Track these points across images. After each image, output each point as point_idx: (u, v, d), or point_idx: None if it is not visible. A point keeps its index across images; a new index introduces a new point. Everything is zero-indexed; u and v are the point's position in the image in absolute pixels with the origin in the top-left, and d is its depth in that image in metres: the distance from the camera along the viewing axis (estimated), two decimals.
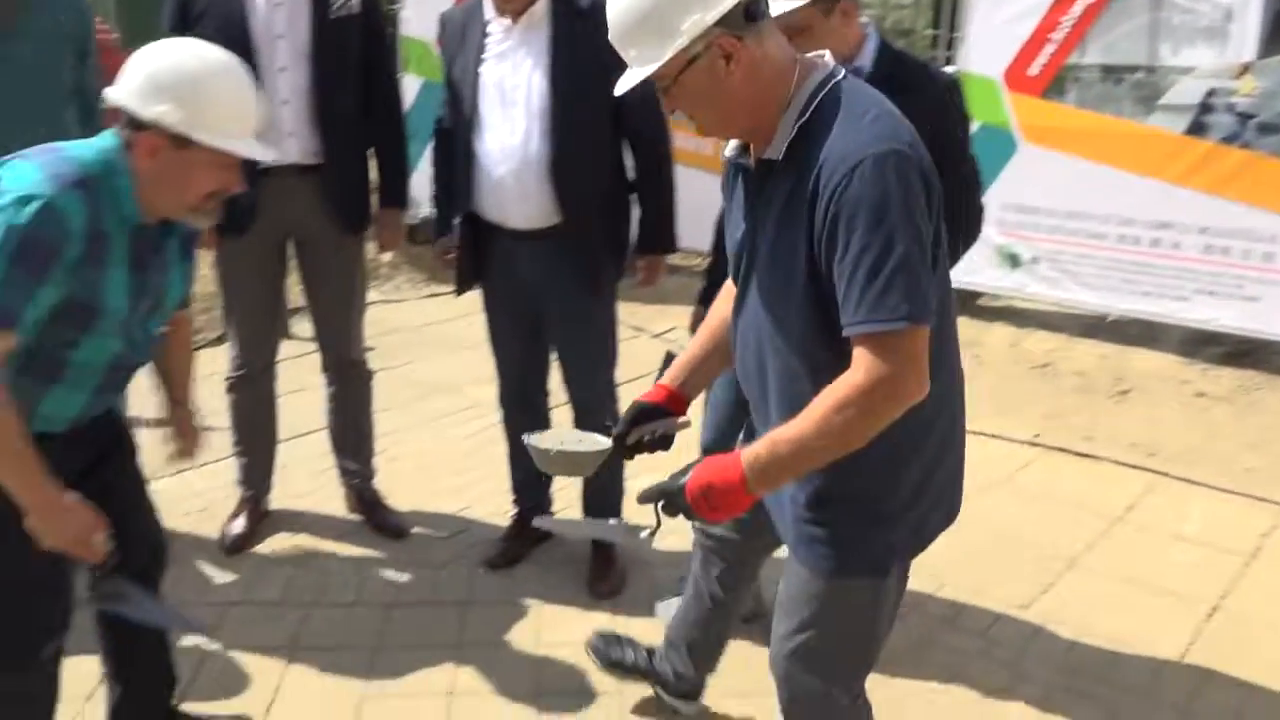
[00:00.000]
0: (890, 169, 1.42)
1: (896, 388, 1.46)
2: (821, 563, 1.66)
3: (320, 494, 3.57)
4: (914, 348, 1.46)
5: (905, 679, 2.72)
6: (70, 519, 1.80)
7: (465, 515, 3.52)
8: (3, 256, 1.66)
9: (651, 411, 1.88)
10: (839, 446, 1.50)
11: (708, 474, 1.58)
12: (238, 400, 3.31)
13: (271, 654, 2.75)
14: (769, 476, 1.55)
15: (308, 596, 3.03)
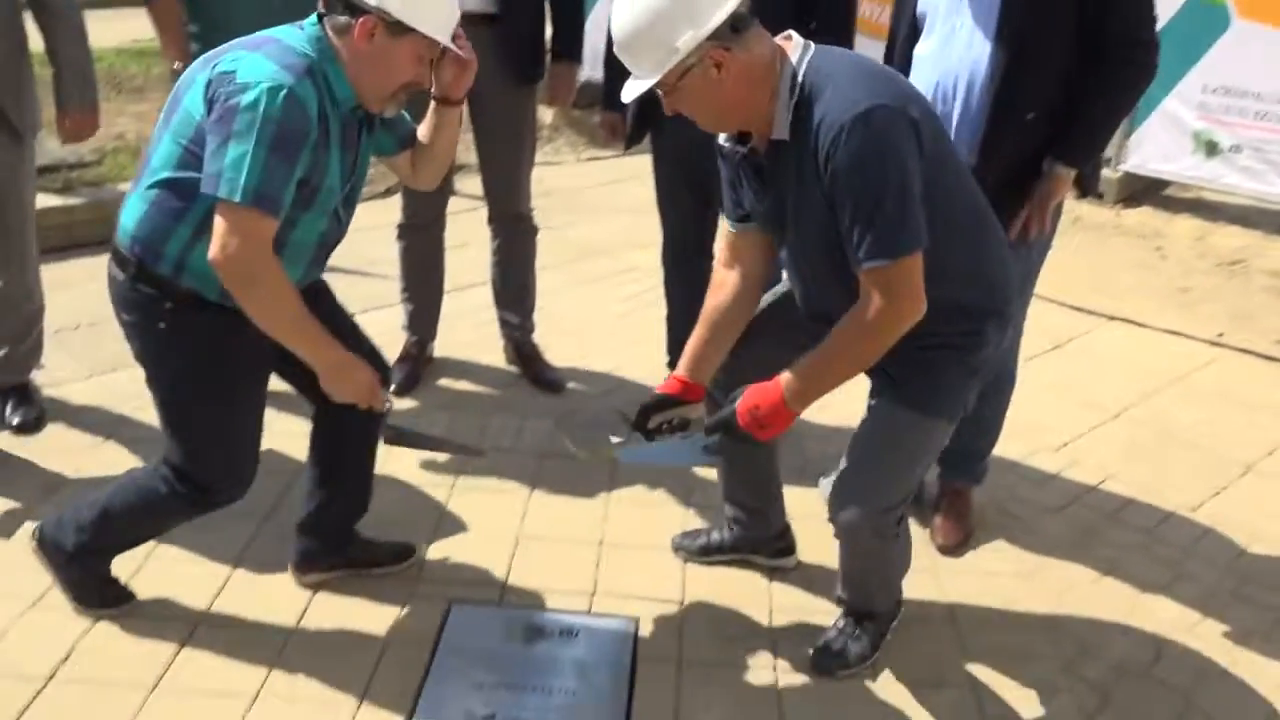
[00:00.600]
0: (869, 127, 1.67)
1: (897, 313, 1.77)
2: (919, 398, 1.92)
3: (481, 345, 3.66)
4: (906, 277, 1.75)
5: (1063, 569, 2.66)
6: (356, 374, 2.01)
7: (618, 374, 3.56)
8: (263, 146, 1.77)
9: (668, 401, 2.11)
10: (857, 367, 1.87)
11: (754, 399, 1.91)
12: (408, 248, 3.38)
13: (434, 490, 2.87)
14: (804, 396, 1.88)
15: (468, 440, 3.12)
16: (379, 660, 2.23)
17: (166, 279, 1.96)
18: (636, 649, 2.31)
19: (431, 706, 2.12)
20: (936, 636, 2.40)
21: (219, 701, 2.10)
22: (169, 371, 2.06)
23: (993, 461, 2.85)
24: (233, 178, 1.78)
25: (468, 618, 2.38)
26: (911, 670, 2.28)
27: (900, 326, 1.80)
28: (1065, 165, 2.34)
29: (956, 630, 2.42)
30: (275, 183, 1.80)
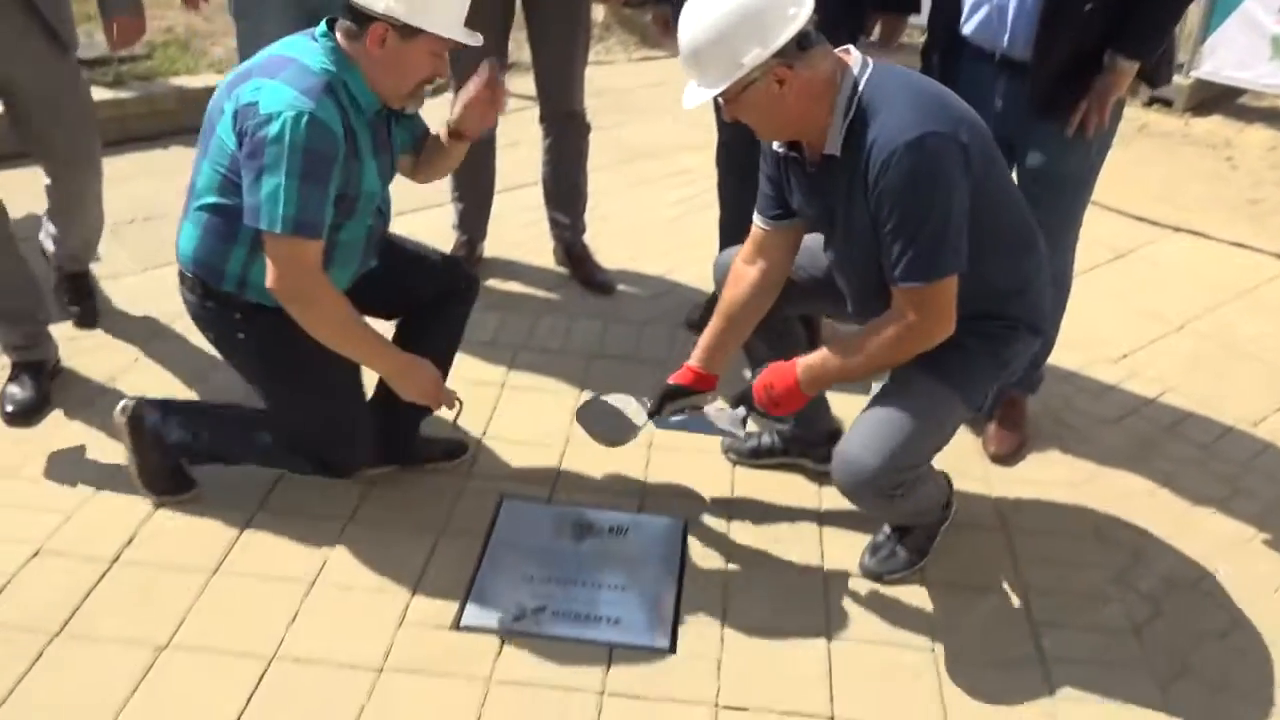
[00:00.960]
0: (919, 153, 1.71)
1: (925, 332, 1.87)
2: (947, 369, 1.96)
3: (531, 245, 3.62)
4: (938, 299, 1.83)
5: (1117, 481, 2.62)
6: (420, 374, 2.13)
7: (669, 278, 3.52)
8: (295, 176, 1.84)
9: (680, 391, 2.17)
10: (874, 369, 1.97)
11: (770, 378, 2.02)
12: None
13: (484, 390, 2.87)
14: (818, 383, 2.00)
15: (517, 339, 3.12)
16: (432, 552, 2.26)
17: (232, 295, 2.06)
18: (685, 547, 2.32)
19: (483, 597, 2.16)
20: (987, 543, 2.38)
21: (277, 586, 2.15)
22: (263, 373, 2.19)
23: (1049, 371, 2.80)
24: (271, 210, 1.86)
25: (518, 513, 2.40)
26: (960, 575, 2.28)
27: (926, 343, 1.88)
28: (1126, 58, 2.23)
29: (1007, 537, 2.40)
30: (312, 208, 1.87)
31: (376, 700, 1.90)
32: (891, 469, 1.94)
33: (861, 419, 2.00)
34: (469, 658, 2.00)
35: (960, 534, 2.36)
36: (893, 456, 1.94)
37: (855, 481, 1.99)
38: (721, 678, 1.99)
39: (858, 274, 2.01)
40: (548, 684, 1.95)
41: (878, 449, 1.95)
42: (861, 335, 1.94)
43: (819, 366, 1.98)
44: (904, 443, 1.94)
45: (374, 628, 2.06)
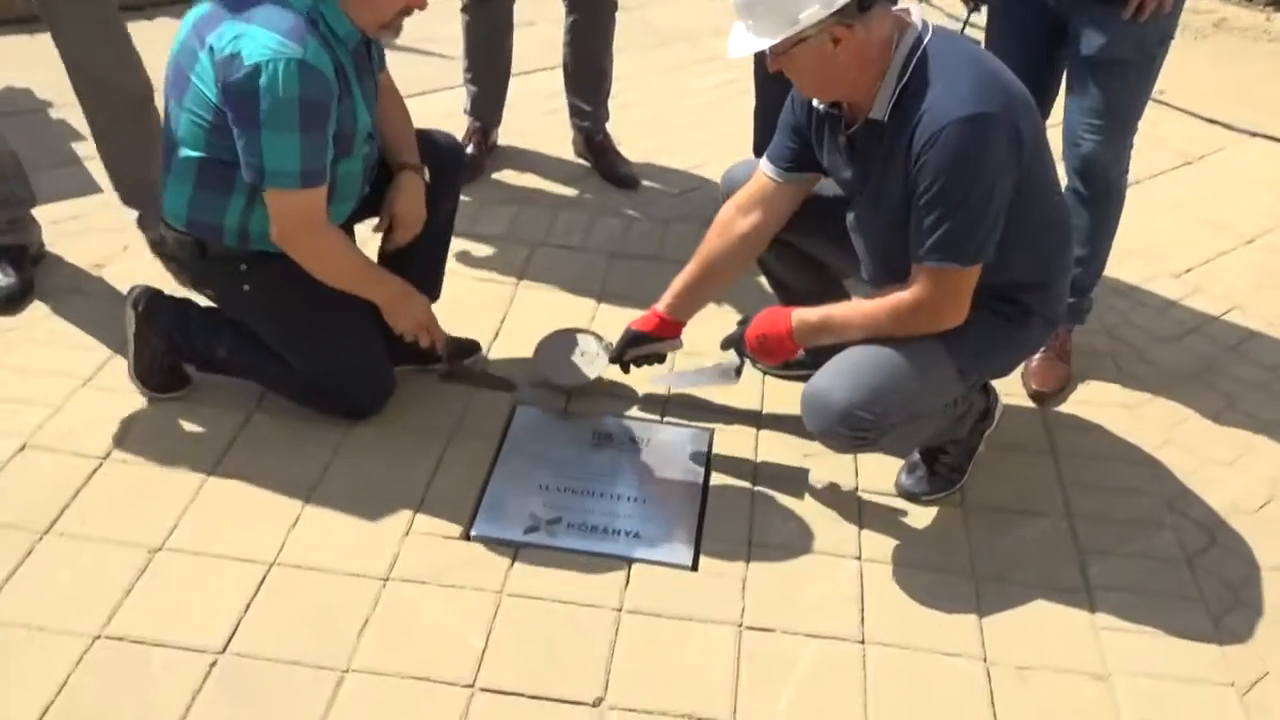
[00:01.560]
0: (972, 131, 1.71)
1: (936, 314, 1.87)
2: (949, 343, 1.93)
3: (549, 135, 3.53)
4: (959, 284, 1.85)
5: (1176, 403, 2.56)
6: (413, 306, 2.20)
7: (698, 173, 3.43)
8: (293, 131, 1.85)
9: (644, 338, 2.23)
10: (871, 334, 1.93)
11: (762, 325, 2.05)
12: (472, 23, 3.21)
13: (499, 287, 2.82)
14: (812, 338, 2.02)
15: (533, 235, 3.06)
16: (441, 458, 2.24)
17: (233, 249, 2.06)
18: (710, 460, 2.29)
19: (495, 506, 2.14)
20: (1032, 465, 2.34)
21: (277, 490, 2.13)
22: (275, 323, 2.19)
23: (1105, 285, 2.72)
24: (275, 168, 1.88)
25: (533, 420, 2.38)
26: (1003, 499, 2.24)
27: (932, 325, 1.89)
28: None
29: (1054, 460, 2.36)
30: (314, 157, 1.90)
31: (382, 610, 1.89)
32: (860, 410, 1.89)
33: (839, 355, 1.97)
34: (480, 569, 1.99)
35: (1005, 456, 2.33)
36: (862, 398, 1.89)
37: (819, 418, 1.94)
38: (746, 597, 1.98)
39: (878, 242, 2.00)
40: (562, 598, 1.94)
41: (847, 385, 1.90)
42: (867, 301, 1.96)
43: (816, 321, 2.00)
44: (879, 386, 1.89)
45: (379, 536, 2.05)
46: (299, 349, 2.22)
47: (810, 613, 1.95)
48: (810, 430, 1.99)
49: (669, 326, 2.24)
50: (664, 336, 2.25)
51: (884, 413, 1.91)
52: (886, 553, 2.10)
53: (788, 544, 2.10)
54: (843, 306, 2.01)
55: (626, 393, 2.44)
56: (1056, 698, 1.83)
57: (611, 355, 2.31)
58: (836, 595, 1.99)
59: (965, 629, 1.95)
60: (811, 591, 2.00)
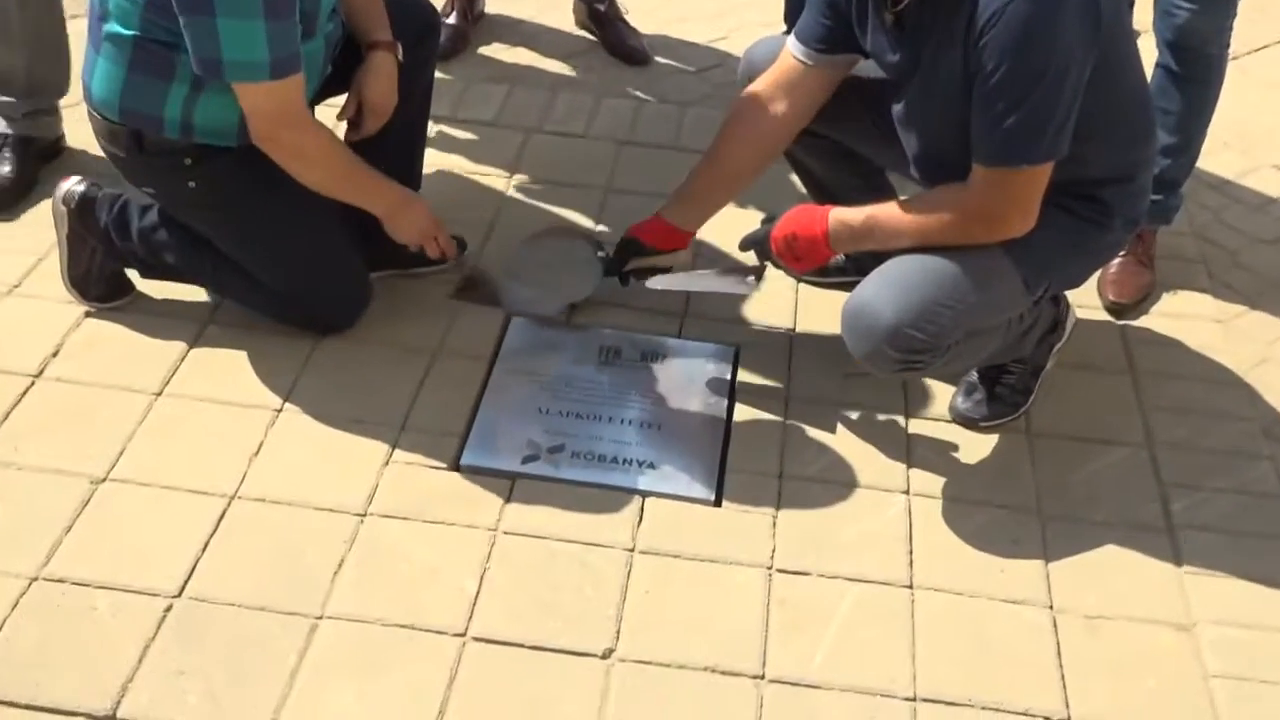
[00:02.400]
0: (1039, 8, 1.67)
1: (1001, 222, 1.85)
2: (1014, 250, 1.91)
3: (546, 1, 3.48)
4: (1028, 187, 1.82)
5: (1275, 315, 2.56)
6: (416, 213, 2.23)
7: (720, 47, 3.38)
8: (258, 17, 1.80)
9: (644, 249, 2.22)
10: (923, 244, 1.91)
11: (793, 226, 2.01)
12: None
13: (490, 181, 2.80)
14: (852, 242, 2.01)
15: (527, 120, 3.02)
16: (424, 377, 2.24)
17: (175, 143, 2.01)
18: (735, 380, 2.29)
19: (487, 432, 2.14)
20: (1109, 387, 2.34)
21: (236, 413, 2.13)
22: (226, 228, 2.16)
23: (1195, 179, 2.69)
24: (238, 59, 1.84)
25: (530, 334, 2.37)
26: (1074, 425, 2.24)
27: (994, 235, 1.87)
28: None
29: (1135, 382, 2.35)
30: (284, 43, 1.87)
31: (359, 550, 1.90)
32: (911, 328, 1.86)
33: (885, 264, 1.95)
34: (471, 503, 2.00)
35: (1077, 377, 2.32)
36: (914, 315, 1.86)
37: (863, 337, 1.91)
38: (777, 537, 1.98)
39: (930, 138, 1.97)
40: (566, 537, 1.95)
41: (896, 299, 1.88)
42: (919, 203, 1.94)
43: (857, 225, 1.97)
44: (933, 300, 1.87)
45: (355, 465, 2.05)
46: (256, 256, 2.20)
47: (850, 554, 1.96)
48: (852, 351, 1.98)
49: (675, 236, 2.22)
50: (669, 248, 2.23)
51: (939, 331, 1.89)
52: (938, 487, 2.09)
53: (824, 476, 2.10)
54: (889, 209, 1.97)
55: (641, 303, 2.42)
56: (1132, 649, 1.85)
57: (607, 267, 2.29)
58: (881, 534, 2.00)
59: (1029, 573, 1.95)
60: (851, 530, 2.00)
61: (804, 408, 2.24)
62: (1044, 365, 2.24)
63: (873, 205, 1.99)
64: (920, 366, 1.95)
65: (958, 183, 1.88)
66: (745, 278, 2.21)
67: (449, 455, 2.08)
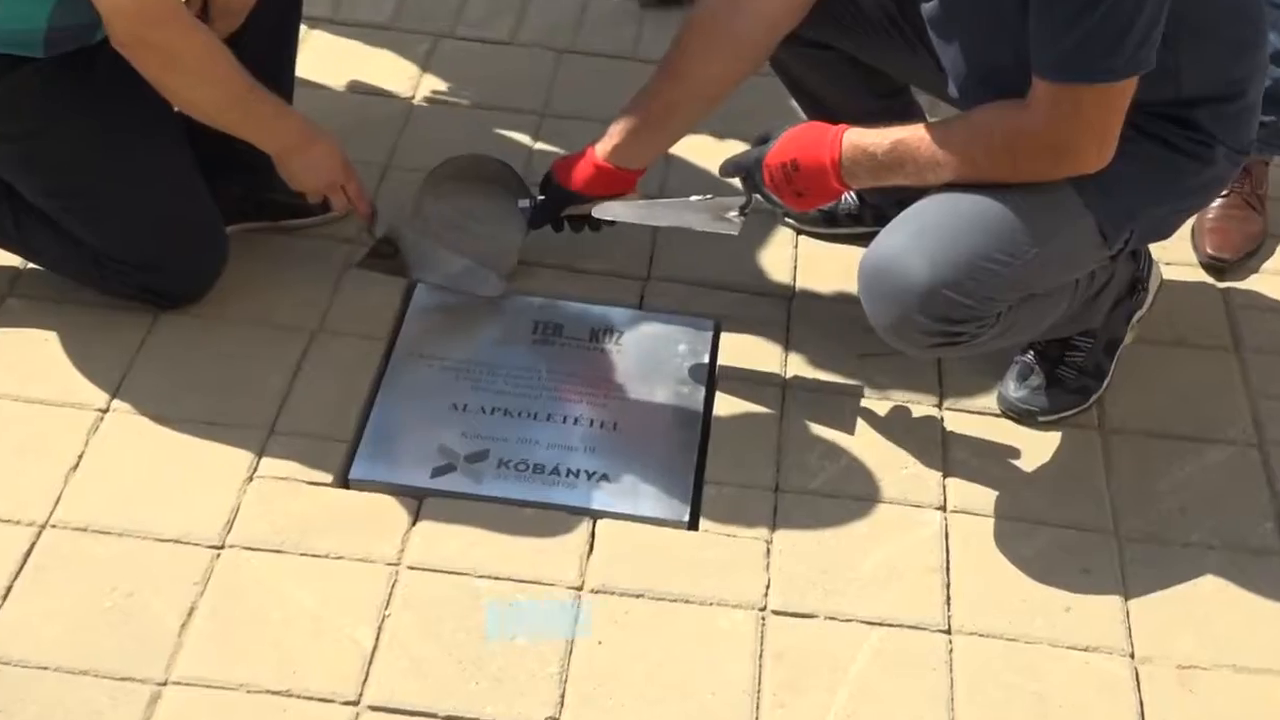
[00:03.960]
0: None
1: (1070, 152, 1.86)
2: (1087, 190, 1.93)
3: None
4: (1104, 108, 1.83)
5: None
6: (323, 153, 2.26)
7: None
8: None
9: (573, 197, 2.25)
10: (967, 179, 1.92)
11: (795, 147, 2.01)
12: None
13: (380, 101, 2.84)
14: (873, 174, 1.98)
15: (436, 22, 3.06)
16: (299, 364, 2.26)
17: None
18: (714, 366, 2.31)
19: (384, 436, 2.16)
20: (1207, 370, 2.38)
21: (42, 414, 2.14)
22: (30, 165, 2.17)
23: None
24: None
25: (440, 305, 2.39)
26: (1162, 419, 2.28)
27: (1061, 171, 1.89)
28: None
29: (1239, 360, 2.40)
30: None
31: (215, 593, 1.91)
32: (952, 290, 1.88)
33: (917, 205, 1.99)
34: (364, 530, 2.01)
35: (1164, 355, 2.37)
36: (956, 272, 1.88)
37: (889, 302, 1.93)
38: (772, 569, 2.00)
39: (976, 46, 1.98)
40: (492, 572, 1.96)
41: (931, 252, 1.90)
42: (963, 125, 1.96)
43: (880, 151, 1.96)
44: (980, 254, 1.89)
45: (208, 482, 2.05)
46: (72, 204, 2.20)
47: (868, 590, 1.98)
48: (873, 321, 2.00)
49: (614, 179, 2.23)
50: (608, 194, 2.25)
51: (988, 294, 1.91)
52: (984, 501, 2.13)
53: (834, 489, 2.12)
54: (923, 133, 1.95)
55: (591, 261, 2.45)
56: (1238, 709, 1.88)
57: (532, 219, 2.34)
58: (908, 564, 2.03)
59: (1102, 611, 1.98)
60: (871, 559, 2.03)
61: (806, 399, 2.26)
62: (1120, 339, 2.28)
63: (901, 127, 1.99)
64: (962, 341, 1.97)
65: (1011, 100, 1.89)
66: (725, 214, 2.17)
67: (334, 467, 2.10)
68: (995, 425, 2.25)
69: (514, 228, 2.36)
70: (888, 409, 2.26)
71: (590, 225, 2.30)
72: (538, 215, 2.32)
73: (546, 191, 2.29)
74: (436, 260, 2.38)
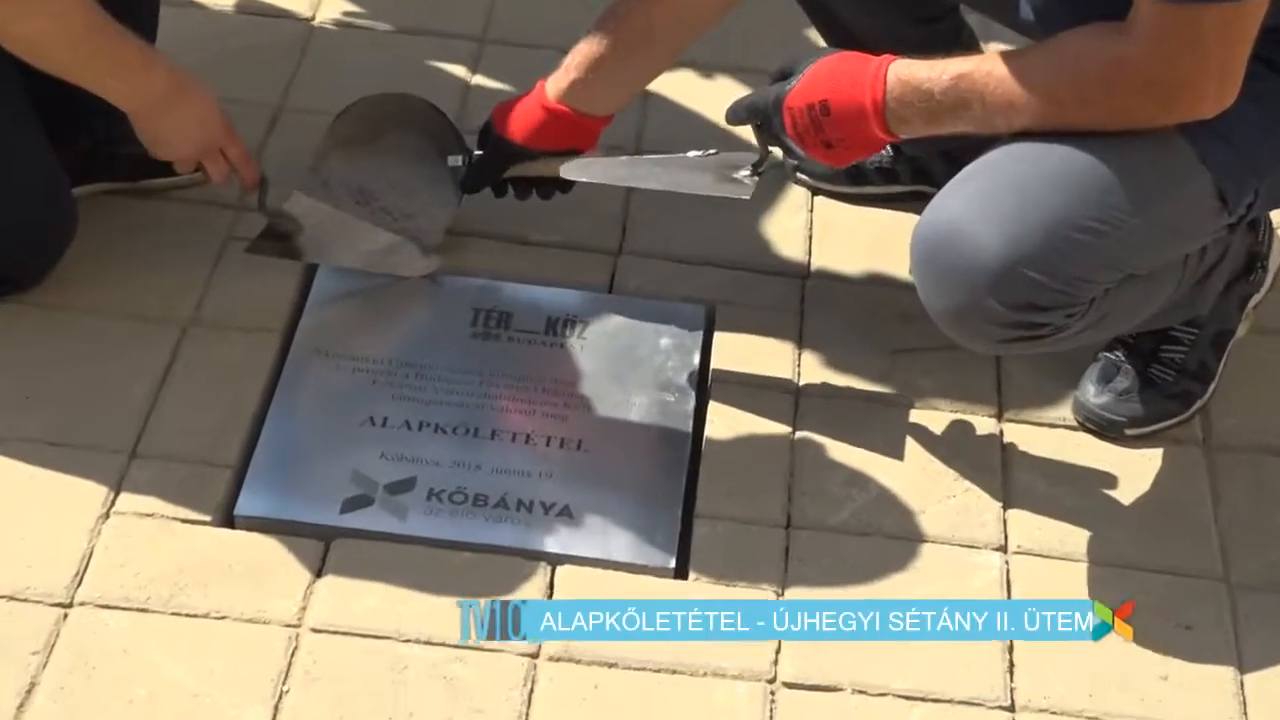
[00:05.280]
0: None
1: (1179, 90, 1.85)
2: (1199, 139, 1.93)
3: None
4: (1225, 36, 1.80)
5: None
6: (196, 107, 2.29)
7: None
8: None
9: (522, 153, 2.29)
10: (1050, 125, 1.92)
11: (825, 86, 2.00)
12: None
13: (273, 25, 2.88)
14: (926, 117, 1.97)
15: None
16: (167, 370, 2.26)
17: None
18: (708, 367, 2.34)
19: (279, 462, 2.18)
20: None
21: None
22: None
23: None
24: None
25: (352, 290, 2.41)
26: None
27: (1171, 115, 1.88)
28: None
29: None
30: None
31: (63, 663, 1.90)
32: (1031, 268, 1.89)
33: (984, 159, 2.00)
34: (255, 581, 2.01)
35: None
36: (1037, 245, 1.89)
37: (953, 284, 1.94)
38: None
39: None
40: (419, 636, 1.97)
41: (1007, 219, 1.91)
42: (1044, 56, 1.94)
43: (940, 87, 1.95)
44: (1070, 217, 1.90)
45: (50, 519, 2.06)
46: None
47: (909, 655, 1.98)
48: (930, 307, 2.00)
49: (572, 127, 2.26)
50: (563, 147, 2.27)
51: (1078, 275, 1.91)
52: (1056, 539, 2.14)
53: (862, 525, 2.14)
54: (992, 65, 1.94)
55: (547, 227, 2.48)
56: None
57: (468, 181, 2.35)
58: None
59: (1210, 681, 1.99)
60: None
61: (825, 408, 2.28)
62: (1232, 330, 2.29)
63: (962, 58, 1.99)
64: (1044, 334, 1.98)
65: (1107, 23, 1.88)
66: (733, 174, 2.17)
67: (214, 500, 2.10)
68: (1070, 440, 2.27)
69: (444, 192, 2.38)
70: (931, 421, 2.28)
71: (540, 190, 2.32)
72: (473, 176, 2.34)
73: (485, 145, 2.31)
74: (346, 236, 2.39)
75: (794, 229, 2.53)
